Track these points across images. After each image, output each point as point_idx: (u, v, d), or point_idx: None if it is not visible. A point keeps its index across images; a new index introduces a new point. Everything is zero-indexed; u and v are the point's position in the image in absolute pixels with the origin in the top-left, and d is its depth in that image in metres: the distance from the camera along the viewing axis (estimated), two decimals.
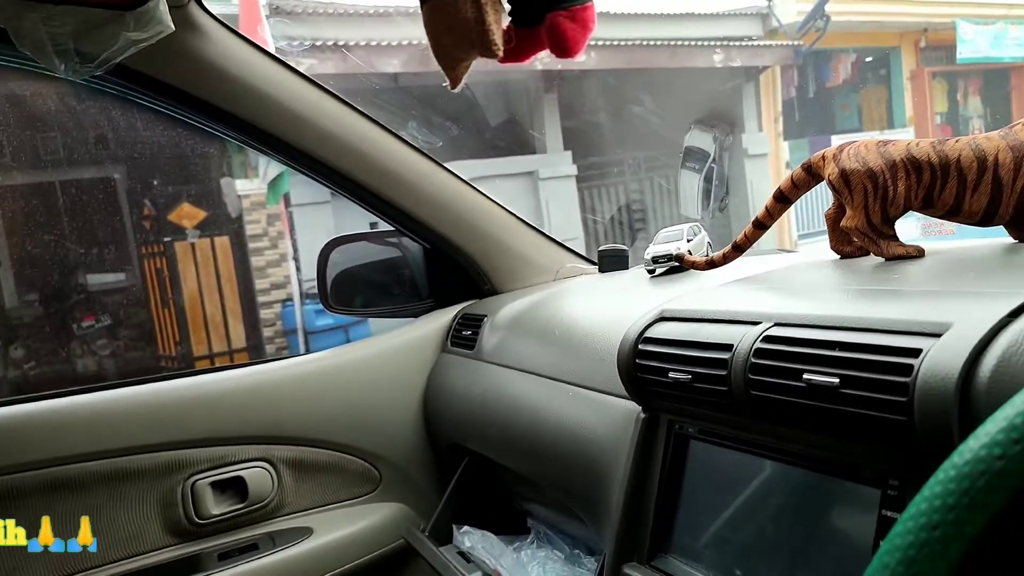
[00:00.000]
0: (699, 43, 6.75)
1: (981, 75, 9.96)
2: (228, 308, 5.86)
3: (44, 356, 5.43)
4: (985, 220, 0.69)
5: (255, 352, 5.95)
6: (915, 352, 0.49)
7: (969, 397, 0.46)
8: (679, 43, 6.67)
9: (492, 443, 1.10)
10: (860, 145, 0.73)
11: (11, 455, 1.05)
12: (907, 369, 0.49)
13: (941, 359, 0.47)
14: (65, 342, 5.49)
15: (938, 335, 0.49)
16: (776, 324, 0.60)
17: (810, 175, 0.77)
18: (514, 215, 1.42)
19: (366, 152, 1.26)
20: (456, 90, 0.81)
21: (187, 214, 5.88)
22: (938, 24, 8.65)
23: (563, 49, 0.77)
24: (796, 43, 7.39)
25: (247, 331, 5.94)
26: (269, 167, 5.75)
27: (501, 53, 0.76)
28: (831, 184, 0.74)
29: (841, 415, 0.52)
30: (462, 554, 1.09)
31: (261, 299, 5.99)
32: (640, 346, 0.71)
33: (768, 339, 0.59)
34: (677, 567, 0.67)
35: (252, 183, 6.09)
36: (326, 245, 1.39)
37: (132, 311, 5.77)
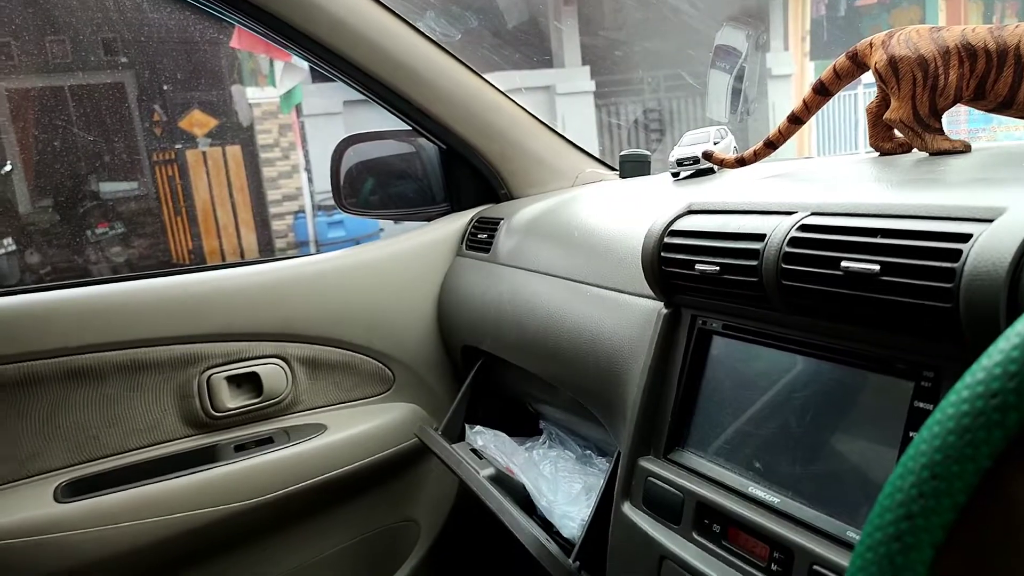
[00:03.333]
0: None
1: None
2: (240, 218, 5.86)
3: (59, 262, 5.47)
4: None
5: None
6: (965, 237, 0.46)
7: (1019, 284, 0.43)
8: None
9: (507, 344, 1.09)
10: (912, 31, 0.69)
11: (30, 342, 1.05)
12: (955, 255, 0.46)
13: (993, 243, 0.45)
14: (80, 249, 5.52)
15: (990, 220, 0.46)
16: (813, 213, 0.57)
17: (855, 64, 0.73)
18: (534, 116, 1.37)
19: (381, 43, 1.21)
20: None
21: (198, 122, 5.81)
22: None
23: None
24: None
25: (259, 241, 5.96)
26: (282, 76, 5.63)
27: None
28: (877, 72, 0.70)
29: (880, 303, 0.50)
30: (475, 452, 1.10)
31: (273, 210, 5.98)
32: (666, 239, 0.69)
33: (804, 228, 0.56)
34: (694, 460, 0.66)
35: (263, 91, 5.98)
36: (341, 142, 1.35)
37: (145, 219, 5.78)
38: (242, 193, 5.91)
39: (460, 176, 1.41)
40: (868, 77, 0.74)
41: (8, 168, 5.39)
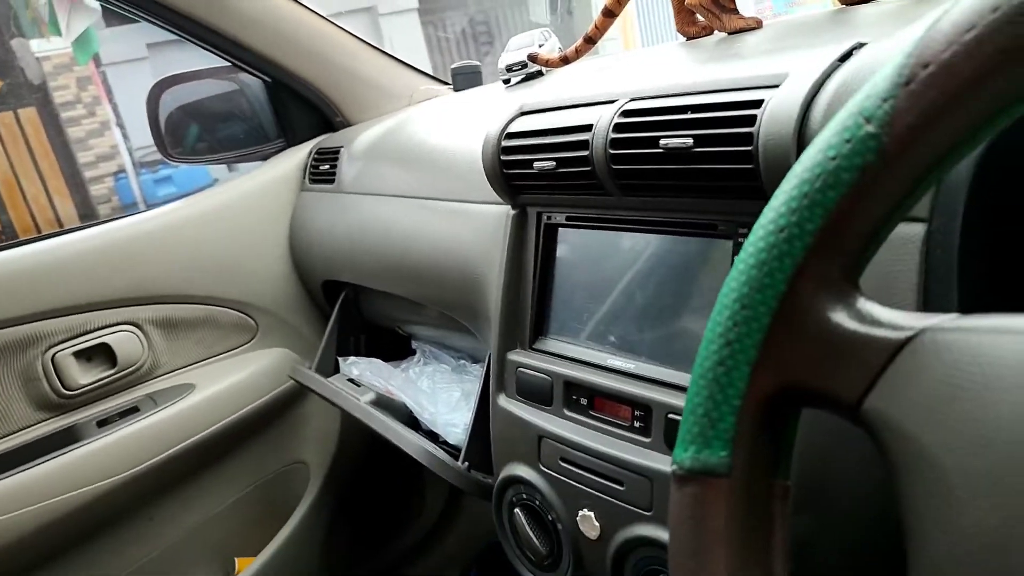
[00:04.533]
0: None
1: None
2: (51, 186, 5.31)
3: None
4: None
5: None
6: (757, 104, 0.52)
7: (805, 139, 0.50)
8: None
9: (367, 271, 1.10)
10: None
11: None
12: (751, 120, 0.52)
13: (780, 106, 0.50)
14: None
15: (776, 86, 0.52)
16: (632, 100, 0.62)
17: None
18: (359, 39, 1.33)
19: None
20: None
21: None
22: None
23: None
24: None
25: (79, 209, 5.45)
26: (68, 21, 5.03)
27: None
28: None
29: (695, 173, 0.55)
30: (352, 382, 1.11)
31: (88, 173, 5.46)
32: (504, 142, 0.71)
33: (625, 113, 0.61)
34: (557, 345, 0.71)
35: (51, 43, 5.34)
36: (154, 86, 1.26)
37: None
38: (47, 159, 5.34)
39: (291, 109, 1.36)
40: None
41: None
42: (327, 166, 1.24)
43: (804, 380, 0.33)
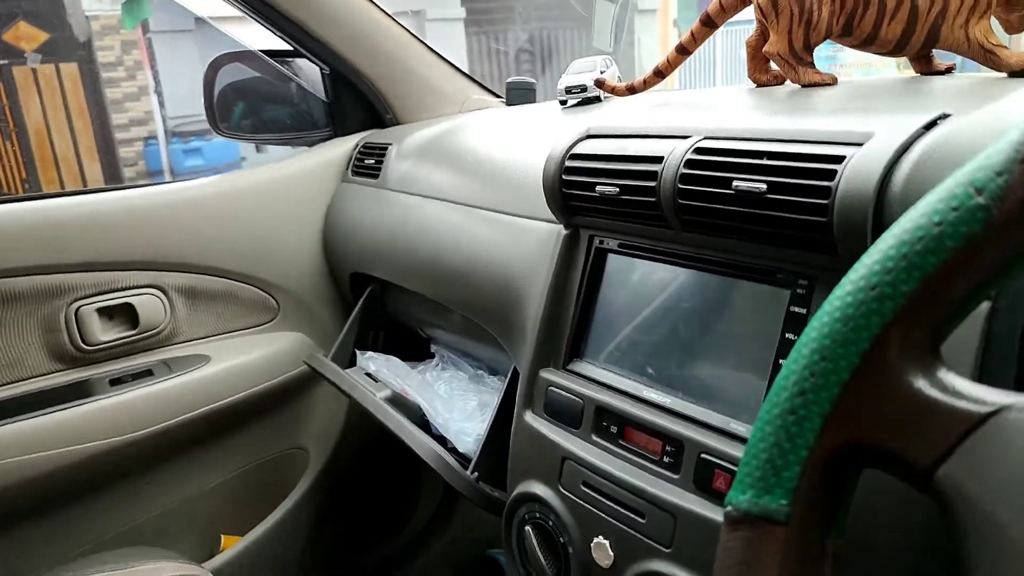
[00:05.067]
0: None
1: None
2: (81, 144, 5.34)
3: None
4: (896, 50, 0.73)
5: None
6: (839, 159, 0.52)
7: (884, 200, 0.50)
8: None
9: (399, 269, 1.10)
10: None
11: None
12: (831, 174, 0.52)
13: (863, 164, 0.51)
14: None
15: (860, 144, 0.52)
16: (706, 137, 0.62)
17: None
18: (422, 41, 1.35)
19: None
20: None
21: (25, 34, 5.18)
22: None
23: None
24: None
25: (105, 171, 5.48)
26: None
27: None
28: (759, 7, 0.75)
29: (765, 219, 0.55)
30: (369, 376, 1.11)
31: (120, 135, 5.49)
32: (567, 162, 0.72)
33: (698, 150, 0.61)
34: (591, 369, 0.71)
35: (102, 2, 5.40)
36: (214, 60, 1.27)
37: None
38: (82, 117, 5.37)
39: (343, 100, 1.37)
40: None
41: None
42: (373, 160, 1.24)
43: (876, 440, 0.33)
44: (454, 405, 1.02)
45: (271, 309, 1.29)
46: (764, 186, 0.55)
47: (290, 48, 1.30)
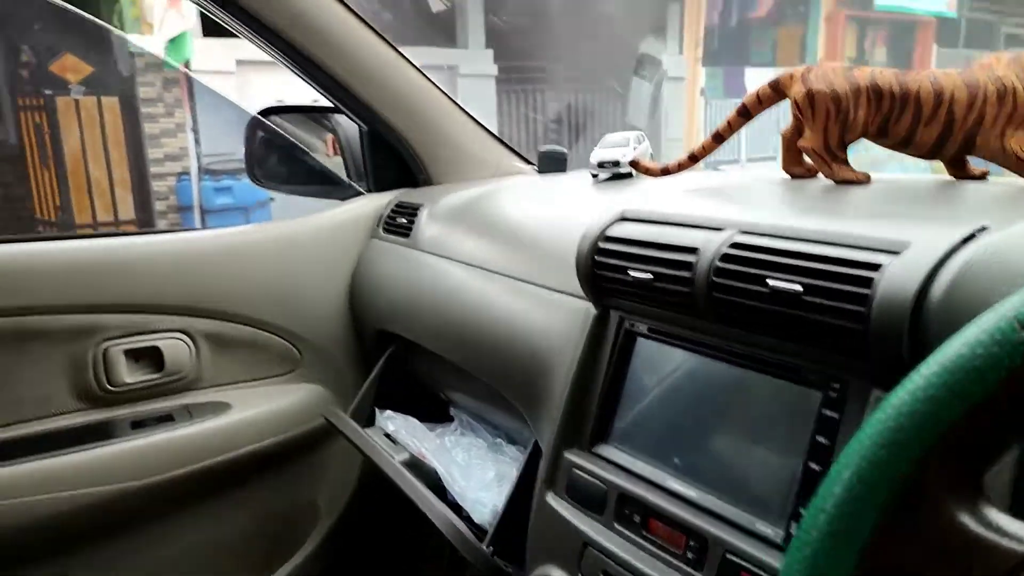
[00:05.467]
0: None
1: (888, 26, 10.34)
2: (116, 175, 5.46)
3: None
4: (931, 154, 0.74)
5: (144, 226, 5.63)
6: (876, 266, 0.52)
7: (921, 311, 0.50)
8: None
9: (424, 330, 1.11)
10: (828, 68, 0.75)
11: None
12: (868, 281, 0.52)
13: (900, 274, 0.51)
14: None
15: (897, 252, 0.52)
16: (741, 232, 0.63)
17: (776, 92, 0.79)
18: (457, 104, 1.38)
19: (306, 11, 1.18)
20: None
21: (71, 67, 5.36)
22: None
23: None
24: None
25: (136, 202, 5.59)
26: (163, 22, 5.28)
27: None
28: (795, 103, 0.76)
29: (800, 320, 0.56)
30: (388, 436, 1.10)
31: (154, 170, 5.61)
32: (601, 244, 0.72)
33: (734, 245, 0.61)
34: (617, 454, 0.71)
35: (148, 40, 5.59)
36: (259, 112, 1.31)
37: (5, 168, 5.28)
38: (118, 148, 5.51)
39: (378, 158, 1.40)
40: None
41: None
42: (404, 220, 1.26)
43: (918, 570, 0.32)
44: (472, 474, 1.01)
45: (293, 359, 1.30)
46: (800, 287, 0.55)
47: (330, 105, 1.33)
